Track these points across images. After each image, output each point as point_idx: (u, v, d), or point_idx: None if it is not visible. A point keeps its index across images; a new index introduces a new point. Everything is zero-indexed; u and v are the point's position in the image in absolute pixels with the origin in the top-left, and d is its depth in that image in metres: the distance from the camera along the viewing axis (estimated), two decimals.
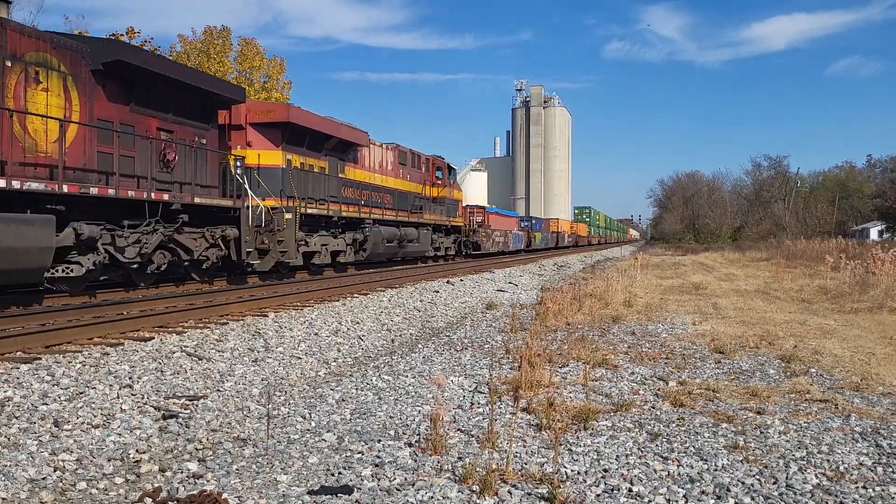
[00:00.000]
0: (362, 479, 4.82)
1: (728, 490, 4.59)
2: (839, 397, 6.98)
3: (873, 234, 72.76)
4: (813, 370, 8.37)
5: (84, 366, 7.79)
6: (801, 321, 12.79)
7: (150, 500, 4.67)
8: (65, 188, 11.42)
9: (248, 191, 16.72)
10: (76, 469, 5.30)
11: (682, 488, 4.64)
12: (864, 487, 4.66)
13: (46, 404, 6.45)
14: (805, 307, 15.44)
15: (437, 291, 18.71)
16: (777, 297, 17.90)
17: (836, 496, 4.49)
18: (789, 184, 78.75)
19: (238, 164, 16.66)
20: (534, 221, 59.21)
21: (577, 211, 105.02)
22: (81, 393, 6.85)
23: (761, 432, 5.86)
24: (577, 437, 5.73)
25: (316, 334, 11.36)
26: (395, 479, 4.82)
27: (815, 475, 4.87)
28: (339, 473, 4.96)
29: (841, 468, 5.02)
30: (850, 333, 11.29)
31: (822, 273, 22.19)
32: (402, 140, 46.76)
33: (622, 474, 4.89)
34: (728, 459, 5.19)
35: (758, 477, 4.84)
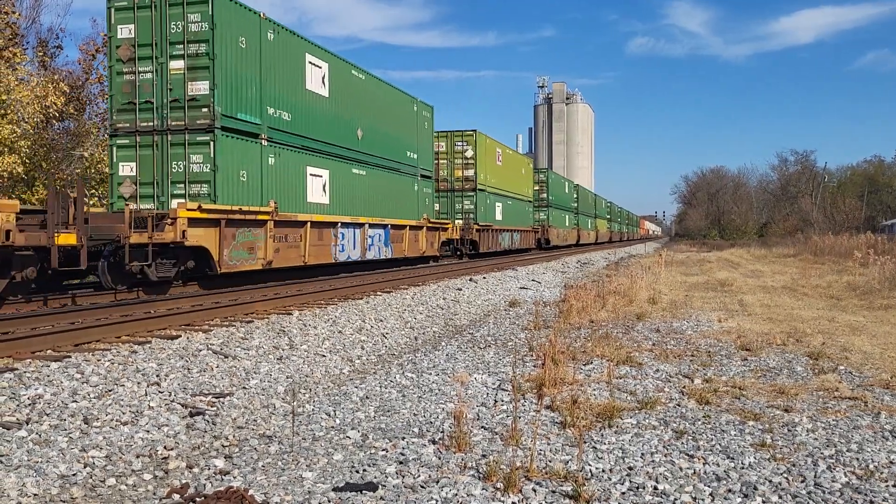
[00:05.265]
0: (387, 477, 4.84)
1: (755, 488, 4.54)
2: (868, 395, 6.88)
3: None
4: (841, 367, 8.25)
5: (113, 364, 7.91)
6: (830, 318, 12.62)
7: (178, 496, 4.73)
8: None
9: None
10: (105, 465, 5.39)
11: (709, 486, 4.60)
12: (894, 486, 4.59)
13: (76, 402, 6.56)
14: (833, 304, 15.22)
15: (460, 289, 18.73)
16: (804, 293, 17.67)
17: (865, 495, 4.43)
18: (816, 179, 77.62)
19: None
20: None
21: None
22: (110, 390, 6.96)
23: (789, 430, 5.79)
24: (602, 435, 5.70)
25: (340, 332, 11.42)
26: (419, 476, 4.83)
27: (844, 473, 4.81)
28: (364, 470, 4.99)
29: (870, 466, 4.95)
30: (880, 330, 11.11)
31: (851, 269, 21.87)
32: None
33: (647, 472, 4.86)
34: (755, 457, 5.13)
35: (785, 475, 4.79)
